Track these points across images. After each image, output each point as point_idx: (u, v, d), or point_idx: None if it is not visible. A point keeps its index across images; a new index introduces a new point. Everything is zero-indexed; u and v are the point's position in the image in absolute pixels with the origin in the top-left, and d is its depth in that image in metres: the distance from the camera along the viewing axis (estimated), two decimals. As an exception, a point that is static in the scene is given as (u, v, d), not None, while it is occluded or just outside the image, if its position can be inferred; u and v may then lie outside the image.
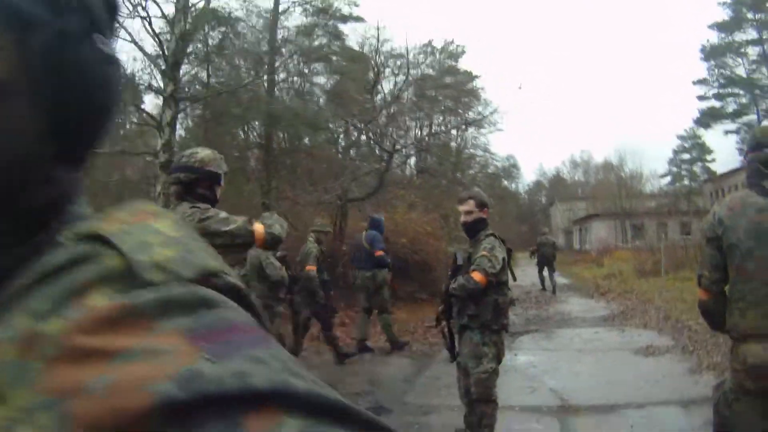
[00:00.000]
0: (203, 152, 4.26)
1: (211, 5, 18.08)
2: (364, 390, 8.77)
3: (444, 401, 7.47)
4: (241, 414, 0.44)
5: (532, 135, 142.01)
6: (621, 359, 10.28)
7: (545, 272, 23.68)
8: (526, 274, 26.09)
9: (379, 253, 11.38)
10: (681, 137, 69.59)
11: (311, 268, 10.21)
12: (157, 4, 16.03)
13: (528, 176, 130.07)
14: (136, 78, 19.33)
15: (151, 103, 20.70)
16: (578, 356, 10.71)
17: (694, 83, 59.91)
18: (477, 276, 5.52)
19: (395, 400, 8.00)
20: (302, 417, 0.46)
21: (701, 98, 60.14)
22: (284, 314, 9.74)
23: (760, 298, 3.68)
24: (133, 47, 16.66)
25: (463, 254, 6.02)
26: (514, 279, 6.52)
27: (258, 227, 3.96)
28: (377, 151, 25.51)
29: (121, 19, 16.07)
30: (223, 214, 3.88)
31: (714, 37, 56.58)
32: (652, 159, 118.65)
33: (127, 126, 24.43)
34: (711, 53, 56.60)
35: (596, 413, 7.13)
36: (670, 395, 7.66)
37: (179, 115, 18.61)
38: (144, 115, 19.08)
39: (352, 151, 26.98)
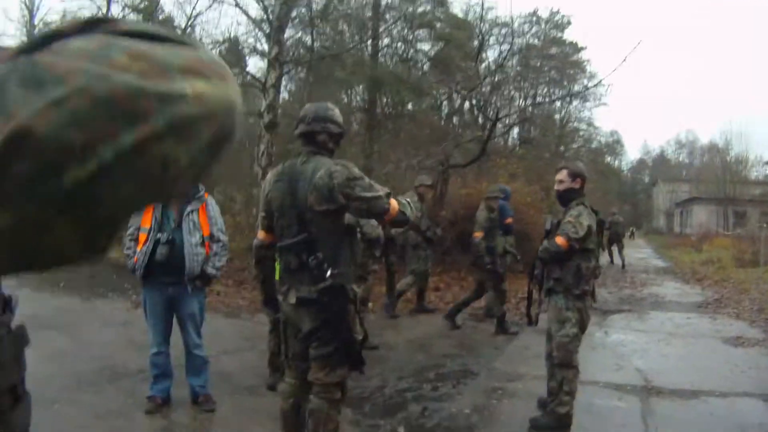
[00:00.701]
0: (332, 108, 4.49)
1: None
2: (452, 353, 8.99)
3: (531, 370, 7.55)
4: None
5: (637, 111, 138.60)
6: (710, 347, 10.15)
7: (614, 248, 24.94)
8: (624, 253, 25.77)
9: (509, 220, 11.34)
10: None
11: (478, 235, 10.36)
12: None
13: (632, 153, 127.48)
14: (240, 41, 19.75)
15: (254, 65, 21.11)
16: (668, 339, 10.59)
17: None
18: (559, 240, 5.68)
19: (483, 365, 8.13)
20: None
21: None
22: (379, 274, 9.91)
23: None
24: (237, 11, 17.04)
25: (553, 220, 6.16)
26: (611, 261, 6.64)
27: (393, 204, 4.13)
28: (480, 120, 25.44)
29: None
30: (367, 181, 4.06)
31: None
32: (759, 143, 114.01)
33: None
34: None
35: (678, 397, 7.10)
36: (754, 388, 7.57)
37: (283, 78, 18.96)
38: (248, 77, 19.43)
39: (455, 119, 26.99)
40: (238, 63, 21.60)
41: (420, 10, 23.25)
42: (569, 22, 36.71)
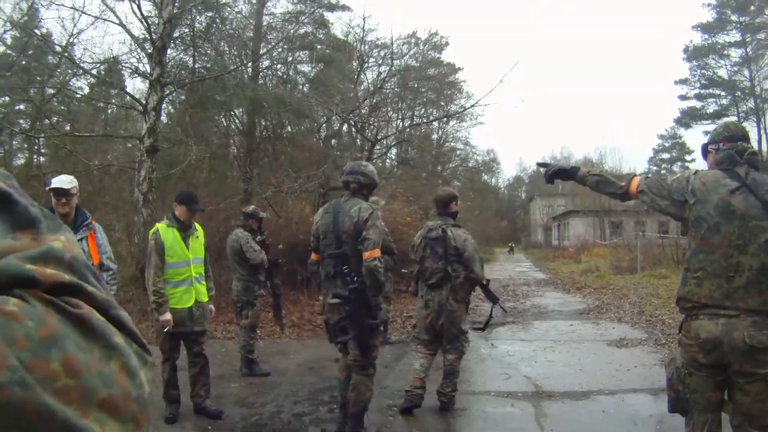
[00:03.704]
0: (370, 165, 6.26)
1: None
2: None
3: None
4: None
5: (512, 130, 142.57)
6: (595, 350, 10.53)
7: None
8: (504, 268, 26.27)
9: None
10: (662, 137, 70.24)
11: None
12: (146, -15, 16.02)
13: (508, 171, 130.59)
14: (122, 62, 19.33)
15: (134, 88, 20.73)
16: (553, 346, 10.94)
17: (676, 83, 60.16)
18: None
19: (375, 384, 8.17)
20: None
21: (682, 98, 60.48)
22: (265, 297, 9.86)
23: (719, 270, 3.92)
24: (121, 30, 16.69)
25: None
26: None
27: (375, 252, 5.64)
28: (359, 141, 25.63)
29: (110, 2, 16.17)
30: (377, 225, 5.74)
31: (697, 38, 57.06)
32: (632, 158, 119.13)
33: (110, 110, 24.39)
34: (694, 54, 56.76)
35: (570, 399, 7.34)
36: (641, 384, 7.90)
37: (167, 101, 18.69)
38: (128, 98, 19.06)
39: (333, 141, 27.08)
40: (119, 84, 21.13)
41: (301, 31, 23.32)
42: (447, 44, 37.53)
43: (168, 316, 6.31)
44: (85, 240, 5.68)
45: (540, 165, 5.19)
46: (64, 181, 5.69)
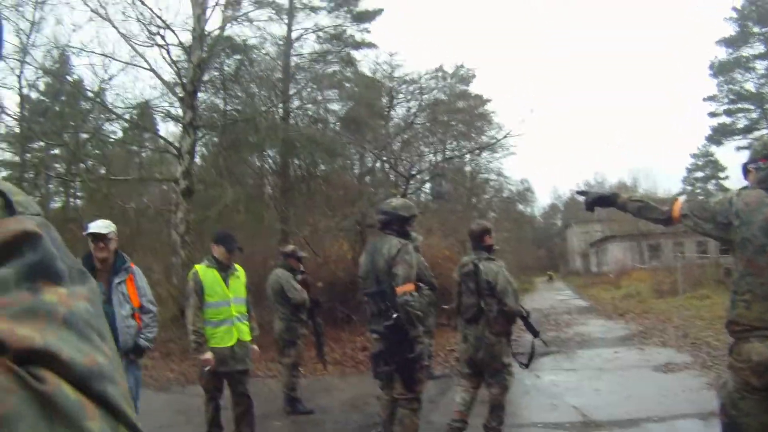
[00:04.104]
0: (395, 201, 6.48)
1: (226, 33, 18.35)
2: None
3: (470, 421, 7.52)
4: None
5: (546, 159, 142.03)
6: (641, 376, 10.37)
7: None
8: (543, 297, 26.06)
9: None
10: (694, 155, 69.30)
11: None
12: (174, 33, 16.28)
13: (543, 200, 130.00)
14: (154, 106, 19.63)
15: (167, 131, 20.99)
16: (599, 374, 10.79)
17: (705, 100, 59.34)
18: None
19: (421, 419, 8.10)
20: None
21: (712, 115, 59.63)
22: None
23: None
24: (151, 75, 16.95)
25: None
26: None
27: (408, 286, 5.65)
28: (392, 177, 25.66)
29: (139, 48, 16.46)
30: (407, 260, 5.71)
31: (722, 53, 56.24)
32: (666, 179, 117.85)
33: (144, 154, 24.70)
34: (720, 69, 56.04)
35: (618, 427, 7.22)
36: (689, 409, 7.75)
37: (200, 143, 18.95)
38: (162, 142, 19.30)
39: (367, 178, 27.16)
40: (151, 128, 21.42)
41: (329, 70, 23.52)
42: (474, 75, 37.57)
43: (208, 355, 6.33)
44: (124, 283, 5.69)
45: (579, 193, 5.16)
46: (101, 225, 5.74)
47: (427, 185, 33.24)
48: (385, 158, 23.68)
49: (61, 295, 0.60)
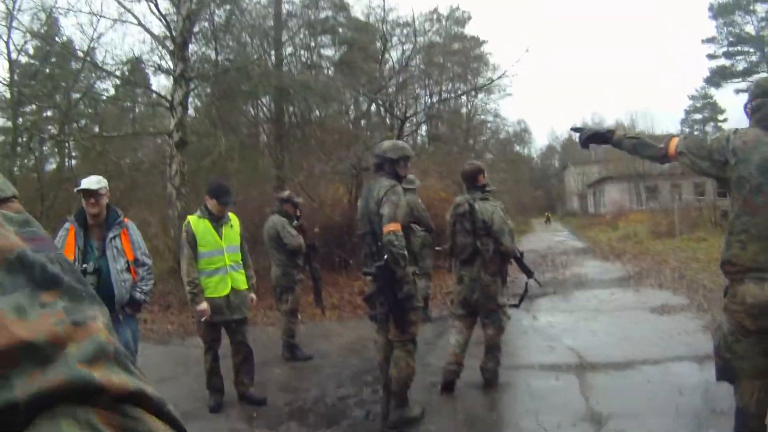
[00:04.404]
0: (385, 143, 6.37)
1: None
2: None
3: (466, 362, 7.52)
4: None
5: (542, 99, 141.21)
6: (637, 318, 10.45)
7: None
8: (541, 239, 26.12)
9: None
10: (692, 97, 68.72)
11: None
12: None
13: (540, 141, 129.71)
14: (145, 61, 19.46)
15: (159, 84, 20.84)
16: (595, 316, 10.88)
17: (704, 42, 58.63)
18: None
19: (417, 362, 8.12)
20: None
21: (711, 57, 59.00)
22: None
23: (764, 232, 3.78)
24: (140, 30, 16.75)
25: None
26: None
27: (392, 226, 5.62)
28: (388, 120, 25.57)
29: (127, 4, 16.25)
30: (393, 200, 5.70)
31: (722, -5, 55.57)
32: (664, 120, 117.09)
33: (137, 109, 24.57)
34: (720, 11, 55.21)
35: (613, 369, 7.27)
36: (685, 351, 7.80)
37: (189, 95, 18.78)
38: (154, 96, 19.18)
39: (363, 122, 27.06)
40: (144, 83, 21.24)
41: (322, 15, 23.28)
42: (469, 17, 37.38)
43: (204, 306, 6.35)
44: (118, 237, 5.70)
45: (574, 129, 5.02)
46: (92, 181, 5.73)
47: (423, 128, 33.30)
48: (380, 101, 23.58)
49: (104, 329, 0.58)
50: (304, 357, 8.90)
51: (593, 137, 4.74)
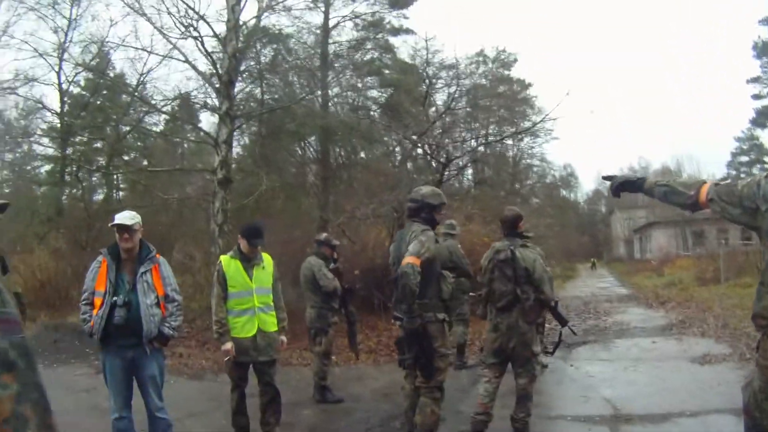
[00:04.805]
0: (425, 188, 6.43)
1: (262, 23, 18.34)
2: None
3: (497, 412, 7.42)
4: None
5: (589, 144, 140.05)
6: (677, 368, 10.22)
7: None
8: (586, 285, 25.80)
9: None
10: (738, 139, 67.44)
11: None
12: (208, 24, 16.29)
13: (587, 185, 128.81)
14: (192, 97, 19.75)
15: (207, 121, 21.13)
16: (635, 365, 10.66)
17: (748, 82, 57.75)
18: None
19: (449, 409, 7.99)
20: None
21: (756, 97, 57.59)
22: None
23: None
24: (187, 67, 17.02)
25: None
26: None
27: (409, 260, 5.60)
28: (433, 164, 25.59)
29: (175, 41, 16.54)
30: (419, 244, 5.70)
31: (765, 33, 54.45)
32: (710, 163, 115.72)
33: (185, 145, 24.95)
34: (763, 50, 54.05)
35: (649, 422, 7.09)
36: (725, 403, 7.57)
37: (235, 133, 18.99)
38: (201, 133, 19.44)
39: (409, 164, 27.10)
40: (193, 120, 21.57)
41: (367, 57, 23.46)
42: (515, 60, 37.27)
43: (228, 345, 6.37)
44: (149, 272, 5.76)
45: (605, 178, 4.88)
46: (126, 217, 5.80)
47: (469, 172, 33.24)
48: (420, 144, 23.63)
49: None
50: (334, 399, 8.85)
51: (624, 185, 4.55)
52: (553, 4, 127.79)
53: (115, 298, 5.55)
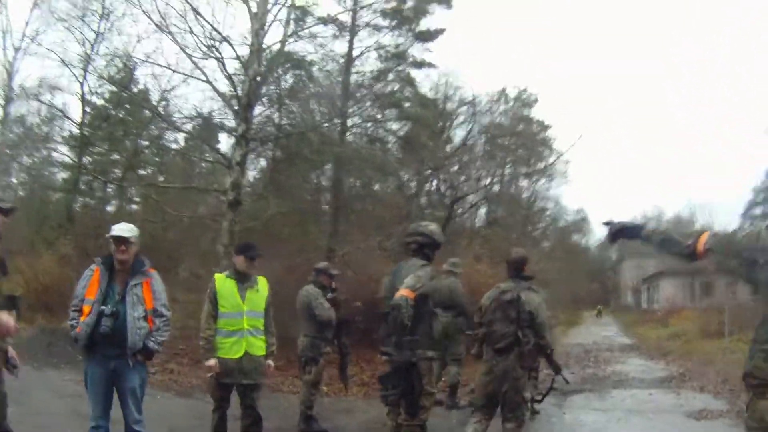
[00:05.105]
0: (432, 225, 6.46)
1: (286, 48, 18.45)
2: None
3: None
4: None
5: (603, 190, 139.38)
6: (671, 422, 10.08)
7: None
8: (589, 332, 25.63)
9: None
10: (756, 190, 66.61)
11: None
12: (231, 46, 16.39)
13: (599, 231, 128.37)
14: (212, 118, 19.87)
15: (226, 143, 21.21)
16: (628, 417, 10.55)
17: (766, 132, 57.39)
18: None
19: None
20: None
21: None
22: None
23: None
24: (208, 87, 17.11)
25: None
26: None
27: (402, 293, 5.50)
28: (447, 200, 25.63)
29: (197, 60, 16.65)
30: (415, 280, 5.58)
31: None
32: (723, 213, 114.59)
33: (203, 164, 25.07)
34: None
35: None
36: (716, 462, 7.46)
37: (253, 156, 19.09)
38: (217, 155, 19.54)
39: (423, 199, 27.12)
40: (211, 139, 21.69)
41: (389, 89, 23.54)
42: (536, 100, 37.41)
43: (212, 362, 6.40)
44: (140, 286, 5.77)
45: (605, 224, 4.78)
46: (124, 229, 5.84)
47: (483, 211, 33.23)
48: (440, 180, 23.68)
49: None
50: (318, 430, 8.81)
51: (622, 231, 4.45)
52: (576, 43, 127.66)
53: (103, 308, 5.56)
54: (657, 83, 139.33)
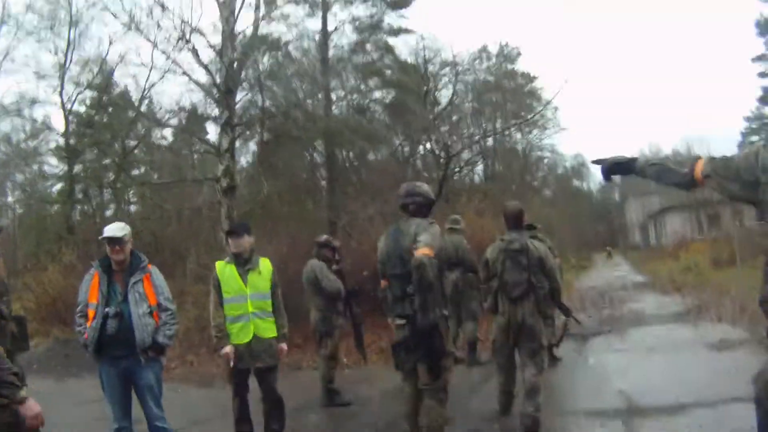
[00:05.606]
0: (424, 185, 6.24)
1: (260, 32, 18.21)
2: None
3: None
4: None
5: (598, 132, 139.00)
6: (693, 355, 10.03)
7: None
8: (601, 275, 25.56)
9: None
10: (748, 118, 66.38)
11: None
12: (203, 35, 16.16)
13: (599, 174, 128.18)
14: (197, 109, 19.75)
15: (214, 132, 21.14)
16: (649, 355, 10.47)
17: (754, 60, 56.79)
18: None
19: (458, 409, 7.81)
20: None
21: (762, 75, 56.89)
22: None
23: None
24: (188, 79, 16.98)
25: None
26: None
27: (421, 251, 5.31)
28: (442, 159, 25.52)
29: (172, 54, 16.48)
30: (430, 236, 5.44)
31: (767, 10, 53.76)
32: (721, 144, 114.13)
33: (195, 156, 25.00)
34: (766, 27, 53.59)
35: (664, 414, 6.86)
36: (742, 391, 7.30)
37: (241, 141, 18.97)
38: (207, 144, 19.47)
39: (419, 163, 27.07)
40: (199, 131, 21.58)
41: (368, 59, 23.39)
42: (519, 54, 37.20)
43: (227, 349, 6.33)
44: (140, 282, 5.75)
45: (595, 162, 4.56)
46: (115, 229, 5.81)
47: (479, 168, 33.17)
48: (431, 142, 23.56)
49: None
50: (342, 403, 8.74)
51: (615, 168, 4.24)
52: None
53: (107, 309, 5.54)
54: (644, 22, 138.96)
